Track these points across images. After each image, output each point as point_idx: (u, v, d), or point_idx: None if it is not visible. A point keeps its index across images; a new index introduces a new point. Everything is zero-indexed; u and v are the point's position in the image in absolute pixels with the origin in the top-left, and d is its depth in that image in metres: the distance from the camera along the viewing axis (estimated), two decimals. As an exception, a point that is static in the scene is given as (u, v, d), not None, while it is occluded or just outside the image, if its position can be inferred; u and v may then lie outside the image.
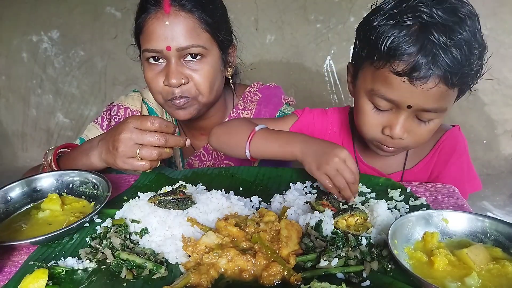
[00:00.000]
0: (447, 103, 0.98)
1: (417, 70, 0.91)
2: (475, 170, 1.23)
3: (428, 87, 0.92)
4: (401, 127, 1.00)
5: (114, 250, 0.79)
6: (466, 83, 0.97)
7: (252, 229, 0.82)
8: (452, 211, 0.84)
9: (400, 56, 0.92)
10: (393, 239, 0.75)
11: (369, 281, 0.71)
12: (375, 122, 1.05)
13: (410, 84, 0.93)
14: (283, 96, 1.47)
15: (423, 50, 0.90)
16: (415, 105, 0.96)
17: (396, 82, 0.95)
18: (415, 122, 1.01)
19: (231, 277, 0.74)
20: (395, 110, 1.01)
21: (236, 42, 1.36)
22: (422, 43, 0.90)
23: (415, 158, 1.22)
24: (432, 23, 0.90)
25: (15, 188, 1.02)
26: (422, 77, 0.91)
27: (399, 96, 0.96)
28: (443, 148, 1.19)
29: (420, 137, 1.05)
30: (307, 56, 2.84)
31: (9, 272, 0.78)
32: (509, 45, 2.53)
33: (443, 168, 1.18)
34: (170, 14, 1.15)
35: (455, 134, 1.20)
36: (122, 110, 1.43)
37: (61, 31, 3.33)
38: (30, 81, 3.44)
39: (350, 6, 2.71)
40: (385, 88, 0.98)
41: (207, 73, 1.22)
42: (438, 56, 0.89)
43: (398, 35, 0.92)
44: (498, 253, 0.76)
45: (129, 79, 3.32)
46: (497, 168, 2.75)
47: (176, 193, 0.89)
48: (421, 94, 0.93)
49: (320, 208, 0.87)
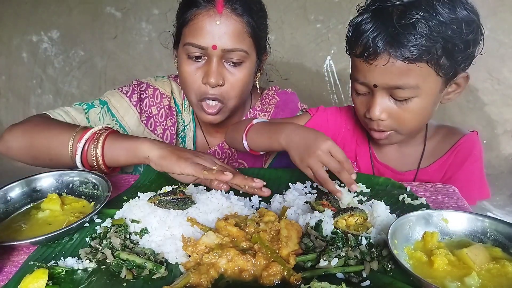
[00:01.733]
0: (415, 79, 0.98)
1: (367, 49, 0.98)
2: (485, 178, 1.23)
3: (380, 63, 0.97)
4: (378, 108, 1.04)
5: (114, 250, 0.79)
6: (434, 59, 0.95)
7: (252, 229, 0.82)
8: (452, 211, 0.85)
9: (357, 39, 1.01)
10: (393, 239, 0.75)
11: (369, 281, 0.71)
12: (359, 106, 1.12)
13: (366, 63, 0.99)
14: (299, 103, 1.50)
15: (373, 30, 0.97)
16: (378, 83, 1.01)
17: (358, 64, 1.04)
18: (392, 102, 1.04)
19: (231, 277, 0.74)
20: (371, 93, 1.06)
21: (270, 49, 1.37)
22: (373, 23, 0.97)
23: (430, 158, 1.22)
24: (387, 6, 0.96)
25: (15, 188, 1.02)
26: (371, 55, 0.98)
27: (364, 77, 1.03)
28: (460, 151, 1.19)
29: (403, 119, 1.06)
30: (307, 56, 2.84)
31: (9, 272, 0.78)
32: (509, 45, 2.53)
33: (456, 171, 1.18)
34: (222, 14, 1.15)
35: (473, 139, 1.20)
36: (152, 90, 1.40)
37: (61, 31, 3.33)
38: (30, 81, 3.44)
39: (350, 6, 2.71)
40: (355, 72, 1.07)
41: (244, 79, 1.23)
42: (385, 33, 0.95)
43: (360, 20, 1.01)
44: (498, 253, 0.76)
45: (129, 79, 3.31)
46: (497, 168, 2.75)
47: (176, 193, 0.89)
48: (379, 72, 0.99)
49: (320, 208, 0.87)
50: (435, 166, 1.20)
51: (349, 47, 1.07)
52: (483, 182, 1.22)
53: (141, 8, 3.14)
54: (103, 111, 1.33)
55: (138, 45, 3.18)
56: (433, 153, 1.22)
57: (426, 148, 1.21)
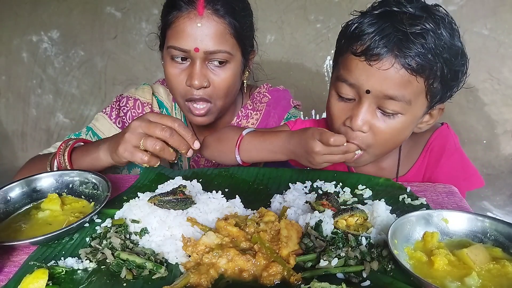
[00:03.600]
0: (409, 94, 0.94)
1: (372, 48, 0.92)
2: (473, 166, 1.19)
3: (384, 66, 0.92)
4: (362, 118, 0.97)
5: (114, 250, 0.79)
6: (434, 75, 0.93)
7: (252, 229, 0.82)
8: (452, 211, 0.84)
9: (360, 37, 0.95)
10: (393, 239, 0.75)
11: (369, 281, 0.71)
12: (338, 112, 1.04)
13: (366, 64, 0.93)
14: (291, 100, 1.49)
15: (381, 30, 0.92)
16: (373, 89, 0.94)
17: (355, 64, 0.96)
18: (377, 116, 0.98)
19: (231, 277, 0.74)
20: (357, 100, 0.99)
21: (257, 48, 1.37)
22: (381, 24, 0.93)
23: (407, 164, 1.19)
24: (397, 12, 0.93)
25: (15, 188, 1.02)
26: (377, 54, 0.92)
27: (357, 79, 0.96)
28: (433, 148, 1.16)
29: (383, 135, 1.00)
30: (307, 56, 2.84)
31: (9, 272, 0.78)
32: (509, 45, 2.52)
33: (434, 169, 1.15)
34: (203, 16, 1.15)
35: (444, 132, 1.18)
36: (132, 101, 1.42)
37: (61, 31, 3.32)
38: (30, 81, 3.44)
39: (350, 6, 2.71)
40: (346, 72, 0.99)
41: (228, 79, 1.23)
42: (395, 36, 0.91)
43: (363, 20, 0.96)
44: (498, 253, 0.76)
45: (129, 79, 3.32)
46: (497, 168, 2.75)
47: (176, 193, 0.89)
48: (379, 76, 0.93)
49: (320, 208, 0.87)
50: (413, 171, 1.18)
51: (345, 45, 1.00)
52: (470, 172, 1.18)
53: (141, 8, 3.13)
54: (88, 137, 1.38)
55: (138, 45, 3.17)
56: (408, 158, 1.19)
57: (401, 155, 1.18)
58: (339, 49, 1.05)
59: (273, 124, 1.42)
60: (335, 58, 1.08)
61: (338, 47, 1.06)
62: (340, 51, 1.04)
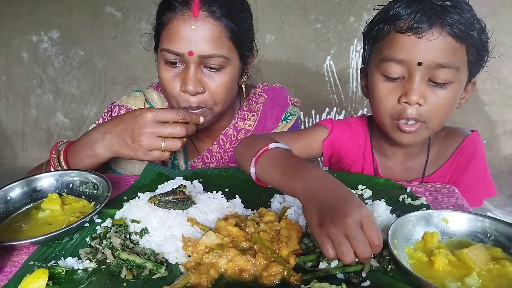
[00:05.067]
0: (458, 61, 0.98)
1: (418, 21, 0.96)
2: (490, 176, 1.21)
3: (433, 37, 0.95)
4: (417, 91, 0.98)
5: (114, 250, 0.79)
6: (473, 44, 0.98)
7: (252, 229, 0.82)
8: (452, 211, 0.84)
9: (403, 16, 0.98)
10: (393, 239, 0.76)
11: (369, 281, 0.71)
12: (389, 94, 1.03)
13: (415, 37, 0.96)
14: (288, 97, 1.44)
15: (421, 7, 0.96)
16: (425, 60, 0.96)
17: (402, 40, 0.98)
18: (431, 88, 1.00)
19: (231, 277, 0.74)
20: (408, 76, 1.00)
21: (256, 51, 1.32)
22: (418, 2, 0.97)
23: (434, 164, 1.20)
24: None
25: (15, 188, 1.02)
26: (424, 27, 0.95)
27: (407, 55, 0.98)
28: (463, 154, 1.17)
29: (439, 106, 1.01)
30: (307, 56, 2.84)
31: (9, 272, 0.78)
32: (509, 45, 2.53)
33: (461, 174, 1.16)
34: (198, 18, 1.09)
35: (475, 140, 1.19)
36: (124, 110, 1.36)
37: (61, 31, 3.33)
38: (30, 81, 3.44)
39: (350, 6, 2.71)
40: (393, 51, 1.00)
41: (225, 84, 1.17)
42: (435, 9, 0.95)
43: (399, 3, 1.00)
44: (498, 253, 0.76)
45: (129, 79, 3.32)
46: (497, 168, 2.75)
47: (176, 193, 0.89)
48: (429, 47, 0.96)
49: (320, 208, 0.87)
50: (440, 172, 1.19)
51: (386, 26, 1.02)
52: (488, 181, 1.21)
53: (141, 8, 3.14)
54: None
55: (138, 45, 3.17)
56: (436, 159, 1.20)
57: (430, 155, 1.19)
58: (377, 33, 1.05)
59: (270, 125, 1.38)
60: (371, 44, 1.09)
61: (375, 32, 1.06)
62: (379, 35, 1.04)
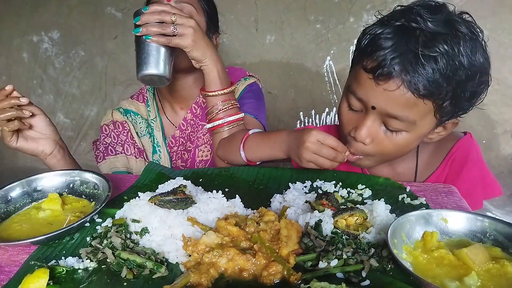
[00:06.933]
0: (415, 115, 0.93)
1: (381, 67, 0.90)
2: (492, 175, 1.18)
3: (390, 88, 0.91)
4: (366, 130, 0.99)
5: (115, 250, 0.80)
6: (441, 100, 0.92)
7: (252, 229, 0.82)
8: (451, 210, 0.85)
9: (372, 53, 0.93)
10: (393, 239, 0.76)
11: (369, 281, 0.71)
12: (346, 121, 1.06)
13: (374, 81, 0.93)
14: (247, 72, 1.60)
15: (393, 50, 0.89)
16: (378, 107, 0.95)
17: (363, 79, 0.96)
18: (382, 130, 0.99)
19: (231, 277, 0.74)
20: (364, 112, 1.00)
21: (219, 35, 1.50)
22: (395, 41, 0.90)
23: (426, 170, 1.18)
24: (414, 28, 0.89)
25: (16, 188, 1.02)
26: (384, 75, 0.90)
27: (364, 94, 0.97)
28: (455, 159, 1.14)
29: (384, 148, 1.01)
30: (307, 56, 2.84)
31: (10, 272, 0.79)
32: (509, 45, 2.52)
33: (455, 180, 1.13)
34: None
35: (467, 143, 1.16)
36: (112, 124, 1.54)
37: (61, 31, 3.33)
38: (31, 81, 3.44)
39: (350, 7, 2.71)
40: (355, 85, 1.00)
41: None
42: (405, 57, 0.88)
43: (380, 32, 0.93)
44: (498, 253, 0.76)
45: (129, 79, 3.32)
46: (497, 168, 2.75)
47: (177, 193, 0.89)
48: (385, 96, 0.92)
49: (320, 208, 0.88)
50: (432, 178, 1.17)
51: (357, 57, 0.99)
52: (488, 181, 1.17)
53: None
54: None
55: (138, 45, 3.18)
56: (428, 165, 1.18)
57: (420, 161, 1.18)
58: (354, 57, 1.03)
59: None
60: (351, 65, 1.07)
61: (354, 55, 1.04)
62: (355, 60, 1.02)
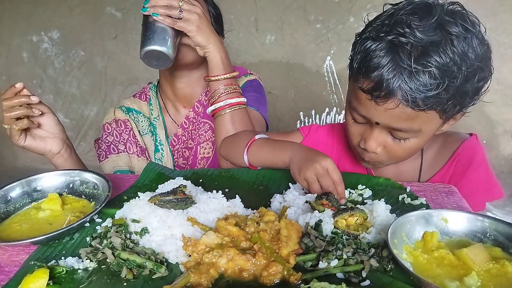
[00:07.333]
0: (419, 124, 0.95)
1: (378, 89, 0.91)
2: (495, 178, 1.18)
3: (390, 106, 0.92)
4: (374, 141, 1.01)
5: (115, 250, 0.80)
6: (443, 107, 0.92)
7: (252, 229, 0.82)
8: (451, 210, 0.85)
9: (366, 74, 0.93)
10: (393, 239, 0.76)
11: (369, 281, 0.71)
12: (353, 133, 1.08)
13: (373, 101, 0.94)
14: (248, 71, 1.61)
15: (388, 69, 0.89)
16: (382, 122, 0.97)
17: (363, 98, 0.97)
18: (390, 138, 1.01)
19: (231, 277, 0.74)
20: (369, 124, 1.01)
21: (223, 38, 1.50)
22: (388, 61, 0.89)
23: (430, 169, 1.18)
24: (404, 43, 0.88)
25: (15, 188, 1.02)
26: (382, 97, 0.91)
27: (367, 112, 0.98)
28: (460, 160, 1.15)
29: (396, 155, 1.04)
30: (307, 56, 2.84)
31: (10, 272, 0.79)
32: (509, 45, 2.53)
33: (459, 181, 1.14)
34: None
35: (473, 144, 1.16)
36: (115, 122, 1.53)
37: (61, 31, 3.33)
38: (31, 81, 3.45)
39: (350, 7, 2.71)
40: (356, 103, 1.01)
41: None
42: (400, 77, 0.88)
43: (371, 50, 0.92)
44: (498, 253, 0.76)
45: (129, 79, 3.33)
46: (497, 168, 2.75)
47: (177, 193, 0.89)
48: (386, 113, 0.94)
49: (320, 208, 0.88)
50: (436, 178, 1.17)
51: (353, 74, 0.99)
52: (492, 184, 1.17)
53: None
54: None
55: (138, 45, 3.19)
56: (432, 164, 1.18)
57: (425, 160, 1.18)
58: (350, 73, 1.02)
59: None
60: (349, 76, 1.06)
61: (349, 69, 1.03)
62: (351, 75, 1.02)
